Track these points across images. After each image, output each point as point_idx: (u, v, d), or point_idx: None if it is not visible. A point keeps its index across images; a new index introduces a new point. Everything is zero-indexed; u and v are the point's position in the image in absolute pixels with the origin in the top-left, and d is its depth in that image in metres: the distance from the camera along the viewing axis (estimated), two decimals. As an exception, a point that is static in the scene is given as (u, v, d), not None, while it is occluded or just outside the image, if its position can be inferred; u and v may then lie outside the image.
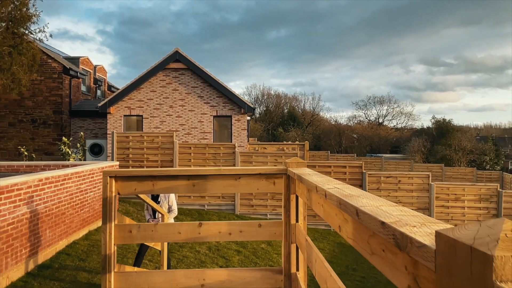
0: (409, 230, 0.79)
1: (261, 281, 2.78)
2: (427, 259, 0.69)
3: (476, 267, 0.54)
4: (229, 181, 2.81)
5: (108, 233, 2.66)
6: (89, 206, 7.82)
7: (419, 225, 0.84)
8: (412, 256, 0.75)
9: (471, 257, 0.55)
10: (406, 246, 0.77)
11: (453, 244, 0.60)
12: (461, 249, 0.58)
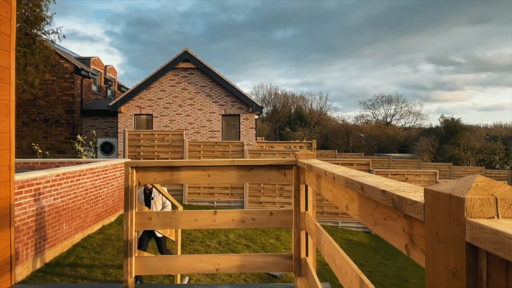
0: (405, 194, 0.95)
1: (272, 265, 2.94)
2: (418, 213, 0.85)
3: (453, 209, 0.70)
4: (242, 171, 2.98)
5: (129, 219, 2.85)
6: (103, 201, 8.06)
7: (413, 191, 0.99)
8: (407, 213, 0.91)
9: (450, 202, 0.71)
10: (402, 206, 0.93)
11: (437, 195, 0.76)
12: (442, 198, 0.74)
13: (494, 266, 0.64)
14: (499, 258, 0.62)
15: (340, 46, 72.23)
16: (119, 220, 8.57)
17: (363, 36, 70.53)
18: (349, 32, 71.25)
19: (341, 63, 73.35)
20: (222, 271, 2.96)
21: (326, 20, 73.25)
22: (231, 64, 73.96)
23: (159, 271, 2.97)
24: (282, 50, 76.46)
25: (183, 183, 4.76)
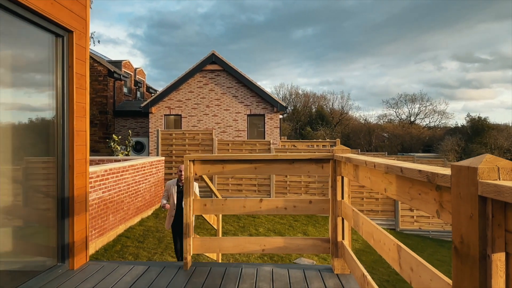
0: (436, 170, 1.32)
1: (312, 247, 3.33)
2: (446, 182, 1.22)
3: (470, 176, 1.08)
4: (285, 165, 3.38)
5: (188, 205, 3.31)
6: (142, 196, 8.67)
7: (441, 170, 1.36)
8: (438, 183, 1.28)
9: (468, 171, 1.09)
10: (435, 179, 1.30)
11: (459, 168, 1.13)
12: (463, 169, 1.11)
13: (496, 209, 1.01)
14: (499, 203, 0.99)
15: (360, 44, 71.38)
16: (155, 214, 9.16)
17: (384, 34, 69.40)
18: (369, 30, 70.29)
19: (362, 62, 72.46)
20: (267, 251, 3.37)
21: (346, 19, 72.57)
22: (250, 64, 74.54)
23: (213, 250, 3.42)
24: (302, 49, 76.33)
25: (233, 174, 5.10)
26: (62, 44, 3.23)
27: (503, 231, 1.01)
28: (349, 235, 3.20)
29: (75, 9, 3.32)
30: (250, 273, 3.22)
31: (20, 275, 2.84)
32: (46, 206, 3.17)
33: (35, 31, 2.95)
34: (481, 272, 1.04)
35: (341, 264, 3.21)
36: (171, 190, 5.44)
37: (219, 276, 3.13)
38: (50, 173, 3.19)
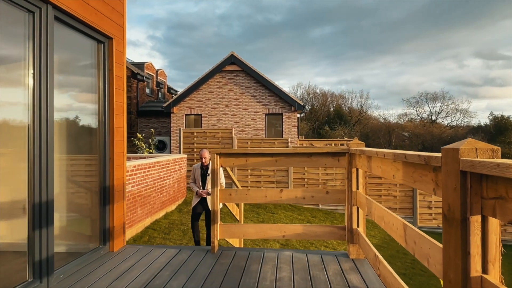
0: (431, 154, 1.58)
1: (329, 234, 3.60)
2: (438, 162, 1.48)
3: (454, 155, 1.34)
4: (303, 158, 3.67)
5: (215, 194, 3.65)
6: (166, 191, 9.11)
7: (436, 154, 1.62)
8: (433, 164, 1.55)
9: (452, 152, 1.35)
10: (430, 160, 1.56)
11: (447, 150, 1.39)
12: (450, 150, 1.37)
13: (473, 181, 1.27)
14: (475, 175, 1.25)
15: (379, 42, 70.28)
16: (179, 209, 9.60)
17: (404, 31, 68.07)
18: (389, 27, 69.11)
19: (381, 60, 71.28)
20: (287, 237, 3.66)
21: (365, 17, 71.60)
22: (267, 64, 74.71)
23: (238, 235, 3.74)
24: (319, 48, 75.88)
25: (255, 167, 5.37)
26: (103, 50, 3.62)
27: (479, 198, 1.27)
28: (363, 223, 3.45)
29: (114, 17, 3.71)
30: (271, 256, 3.52)
31: (68, 256, 3.24)
32: (90, 195, 3.58)
33: (81, 39, 3.35)
34: (463, 231, 1.30)
35: (356, 249, 3.47)
36: (197, 172, 5.81)
37: (244, 259, 3.45)
38: (94, 165, 3.59)
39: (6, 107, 2.49)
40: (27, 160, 2.63)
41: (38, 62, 2.68)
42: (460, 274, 1.32)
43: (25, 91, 2.63)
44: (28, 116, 2.64)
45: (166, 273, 3.10)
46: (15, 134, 2.59)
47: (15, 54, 2.57)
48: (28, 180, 2.64)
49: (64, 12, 2.95)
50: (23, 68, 2.62)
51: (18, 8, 2.53)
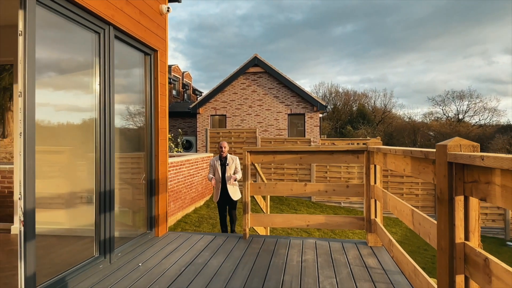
0: (429, 150, 1.97)
1: (349, 224, 3.99)
2: (433, 156, 1.87)
3: (443, 150, 1.73)
4: (326, 155, 4.07)
5: (246, 187, 4.11)
6: (195, 187, 9.70)
7: (433, 150, 2.00)
8: (430, 157, 1.94)
9: (443, 147, 1.75)
10: (428, 154, 1.95)
11: (439, 146, 1.79)
12: (441, 147, 1.77)
13: (457, 169, 1.66)
14: (459, 165, 1.65)
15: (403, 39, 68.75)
16: (207, 204, 10.17)
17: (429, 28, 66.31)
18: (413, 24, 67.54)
19: (405, 58, 69.73)
20: (311, 226, 4.08)
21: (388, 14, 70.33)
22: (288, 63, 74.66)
23: (266, 224, 4.19)
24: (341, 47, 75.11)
25: (282, 163, 5.64)
26: (150, 61, 4.17)
27: (462, 182, 1.65)
28: (380, 214, 3.82)
29: (159, 32, 4.25)
30: (297, 243, 3.95)
31: (122, 239, 3.78)
32: (139, 187, 4.13)
33: (133, 52, 3.90)
34: (450, 208, 1.69)
35: (374, 238, 3.84)
36: (215, 165, 5.96)
37: (272, 244, 3.90)
38: (142, 161, 4.13)
39: (80, 111, 3.06)
40: (95, 157, 3.18)
41: (102, 72, 3.23)
42: (448, 242, 1.71)
43: (93, 97, 3.18)
44: (95, 118, 3.19)
45: (206, 253, 3.59)
46: (86, 134, 3.15)
47: (86, 65, 3.13)
48: (95, 174, 3.19)
49: (121, 31, 3.50)
50: (92, 76, 3.17)
51: (89, 30, 3.08)
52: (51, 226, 2.95)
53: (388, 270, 3.14)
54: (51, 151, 2.87)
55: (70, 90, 3.03)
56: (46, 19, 2.57)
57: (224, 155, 5.97)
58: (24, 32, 2.32)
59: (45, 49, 2.62)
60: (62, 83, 2.94)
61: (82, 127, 3.13)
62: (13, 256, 3.61)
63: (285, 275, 3.02)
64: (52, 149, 2.89)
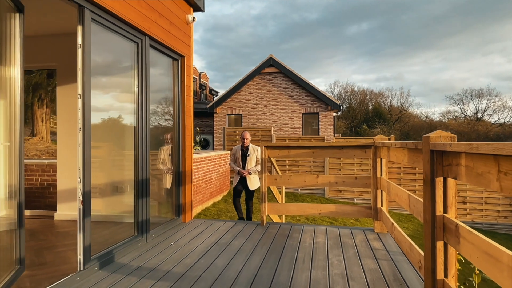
0: (418, 142, 2.36)
1: (357, 212, 4.38)
2: (421, 146, 2.27)
3: (427, 140, 2.13)
4: (336, 150, 4.47)
5: (264, 179, 4.55)
6: (213, 183, 10.20)
7: (421, 141, 2.39)
8: (419, 147, 2.33)
9: (427, 138, 2.14)
10: (418, 145, 2.35)
11: (425, 137, 2.18)
12: (426, 138, 2.16)
13: (437, 155, 2.06)
14: (438, 152, 2.04)
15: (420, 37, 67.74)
16: (224, 199, 10.66)
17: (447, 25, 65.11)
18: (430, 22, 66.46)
19: (422, 56, 68.64)
20: (322, 214, 4.49)
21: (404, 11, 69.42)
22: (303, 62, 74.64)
23: (282, 212, 4.62)
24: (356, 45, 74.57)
25: (296, 157, 5.83)
26: (177, 65, 4.66)
27: (441, 166, 2.05)
28: (386, 203, 4.20)
29: (185, 40, 4.74)
30: (309, 229, 4.37)
31: (153, 224, 4.29)
32: (173, 177, 4.62)
33: (164, 58, 4.39)
34: (432, 188, 2.08)
35: (380, 225, 4.22)
36: (237, 154, 6.08)
37: (287, 230, 4.33)
38: (171, 155, 4.63)
39: (122, 110, 3.56)
40: (133, 151, 3.68)
41: (140, 76, 3.72)
42: (431, 215, 2.10)
43: (132, 98, 3.68)
44: (134, 118, 3.69)
45: (229, 236, 4.05)
46: (127, 131, 3.65)
47: (127, 70, 3.63)
48: (134, 165, 3.69)
49: (155, 40, 3.99)
50: (131, 80, 3.67)
51: (129, 41, 3.58)
52: (97, 212, 3.47)
53: (390, 251, 3.52)
54: (97, 146, 3.38)
55: (114, 92, 3.54)
56: (97, 32, 3.07)
57: (246, 145, 5.98)
58: (82, 45, 2.82)
59: (94, 57, 3.12)
60: (108, 86, 3.45)
61: (123, 124, 3.63)
62: (61, 236, 4.17)
63: (298, 253, 3.44)
64: (97, 144, 3.40)
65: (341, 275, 2.88)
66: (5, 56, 2.41)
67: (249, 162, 5.95)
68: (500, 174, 1.39)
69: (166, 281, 2.77)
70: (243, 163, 6.00)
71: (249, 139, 5.98)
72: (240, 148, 6.07)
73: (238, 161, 6.05)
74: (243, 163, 6.00)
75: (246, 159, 5.96)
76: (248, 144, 5.98)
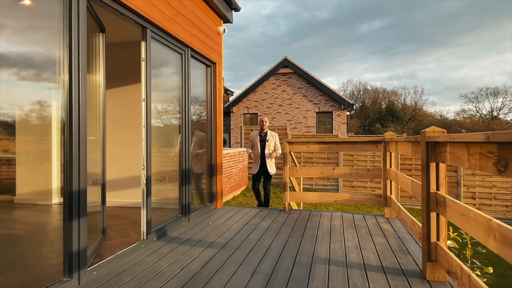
0: (417, 136, 2.96)
1: (369, 200, 4.97)
2: (420, 139, 2.87)
3: (423, 134, 2.73)
4: (350, 145, 5.07)
5: (285, 171, 5.18)
6: (233, 178, 10.88)
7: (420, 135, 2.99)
8: (418, 140, 2.93)
9: (424, 133, 2.75)
10: (417, 139, 2.95)
11: (422, 132, 2.78)
12: (423, 132, 2.77)
13: (431, 146, 2.66)
14: (432, 142, 2.65)
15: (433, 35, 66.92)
16: (243, 193, 11.33)
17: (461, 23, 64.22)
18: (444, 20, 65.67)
19: (435, 54, 67.82)
20: (338, 202, 5.10)
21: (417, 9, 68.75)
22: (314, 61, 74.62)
23: (301, 200, 5.25)
24: (368, 44, 74.19)
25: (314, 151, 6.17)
26: (210, 71, 5.33)
27: (434, 153, 2.64)
28: (394, 191, 4.78)
29: (217, 49, 5.40)
30: (326, 214, 4.98)
31: (192, 207, 4.97)
32: (206, 169, 5.30)
33: (200, 66, 5.06)
34: (427, 171, 2.68)
35: (389, 211, 4.80)
36: (255, 139, 6.11)
37: (307, 215, 4.95)
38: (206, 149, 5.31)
39: (174, 114, 4.25)
40: (180, 145, 4.37)
41: (183, 82, 4.40)
42: (426, 192, 2.70)
43: (178, 101, 4.36)
44: (180, 118, 4.37)
45: (257, 219, 4.71)
46: (174, 129, 4.34)
47: (174, 77, 4.31)
48: (179, 157, 4.37)
49: (194, 51, 4.66)
50: (176, 84, 4.35)
51: (176, 52, 4.26)
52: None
53: (398, 231, 4.11)
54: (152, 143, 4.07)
55: (163, 95, 4.23)
56: (153, 46, 3.75)
57: (265, 130, 6.05)
58: (145, 59, 3.50)
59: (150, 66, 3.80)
60: (158, 90, 4.14)
61: (171, 123, 4.32)
62: (114, 218, 4.88)
63: (318, 231, 4.07)
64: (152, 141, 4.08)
65: (355, 247, 3.49)
66: (93, 65, 3.10)
67: (267, 147, 6.01)
68: (469, 156, 1.99)
69: (213, 248, 3.43)
70: (261, 148, 6.05)
71: (268, 124, 6.08)
72: (259, 133, 6.12)
73: (256, 146, 6.10)
74: (261, 148, 6.05)
75: (264, 144, 6.04)
76: (266, 130, 6.07)
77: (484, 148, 1.80)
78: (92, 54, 3.03)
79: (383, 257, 3.20)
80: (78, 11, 2.52)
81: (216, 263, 3.01)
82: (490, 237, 1.74)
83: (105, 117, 3.29)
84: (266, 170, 6.06)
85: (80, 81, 2.54)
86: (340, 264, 3.01)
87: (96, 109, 3.16)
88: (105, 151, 3.29)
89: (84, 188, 2.59)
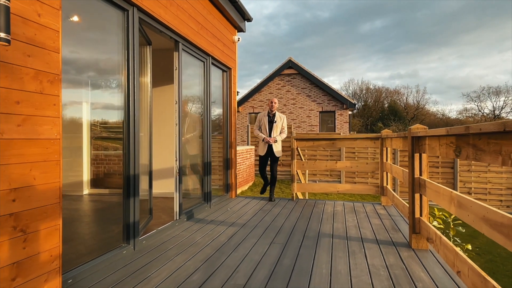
0: (406, 131, 3.59)
1: (368, 190, 5.61)
2: (408, 134, 3.50)
3: (410, 131, 3.37)
4: (350, 141, 5.71)
5: (293, 164, 5.83)
6: (241, 174, 11.54)
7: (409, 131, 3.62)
8: (406, 135, 3.56)
9: (410, 129, 3.39)
10: (406, 135, 3.58)
11: (409, 129, 3.42)
12: (409, 129, 3.41)
13: (415, 140, 3.30)
14: (416, 137, 3.29)
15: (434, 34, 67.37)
16: (250, 189, 11.99)
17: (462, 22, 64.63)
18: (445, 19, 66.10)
19: (438, 53, 68.30)
20: (340, 192, 5.74)
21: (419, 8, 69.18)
22: (316, 61, 75.18)
23: (307, 190, 5.90)
24: (370, 43, 74.70)
25: (315, 151, 6.89)
26: (227, 76, 5.98)
27: (418, 146, 3.27)
28: (390, 182, 5.41)
29: (232, 55, 6.06)
30: (330, 203, 5.63)
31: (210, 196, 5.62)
32: (221, 163, 5.96)
33: (218, 71, 5.71)
34: (412, 160, 3.32)
35: (386, 199, 5.44)
36: (263, 120, 5.95)
37: (312, 203, 5.60)
38: (222, 145, 5.96)
39: (197, 113, 4.91)
40: (202, 139, 5.02)
41: (205, 86, 5.05)
42: (411, 177, 3.34)
43: (201, 102, 5.01)
44: (204, 118, 5.02)
45: (269, 206, 5.36)
46: (197, 126, 4.99)
47: (197, 80, 4.96)
48: (202, 150, 5.03)
49: (214, 59, 5.32)
50: (200, 88, 5.00)
51: (200, 61, 4.91)
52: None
53: (392, 215, 4.75)
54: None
55: (190, 97, 4.88)
56: (183, 56, 4.40)
57: (274, 111, 5.91)
58: (178, 68, 4.16)
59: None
60: (186, 94, 4.79)
61: (196, 121, 4.97)
62: (142, 206, 5.53)
63: (323, 215, 4.72)
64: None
65: (354, 226, 4.14)
66: (143, 71, 3.75)
67: (275, 129, 5.84)
68: (440, 146, 2.63)
69: (234, 227, 4.09)
70: (269, 130, 5.85)
71: (277, 105, 5.94)
72: (267, 114, 5.96)
73: (264, 127, 5.88)
74: (269, 130, 5.85)
75: (272, 125, 5.85)
76: (275, 111, 5.93)
77: (448, 140, 2.44)
78: (142, 62, 3.69)
79: (378, 233, 3.84)
80: (133, 31, 3.17)
81: (239, 237, 3.67)
82: (452, 204, 2.38)
83: (152, 115, 3.94)
84: (273, 153, 5.87)
85: (135, 86, 3.19)
86: (341, 238, 3.66)
87: (145, 109, 3.81)
88: (151, 145, 3.94)
89: (138, 174, 3.24)
